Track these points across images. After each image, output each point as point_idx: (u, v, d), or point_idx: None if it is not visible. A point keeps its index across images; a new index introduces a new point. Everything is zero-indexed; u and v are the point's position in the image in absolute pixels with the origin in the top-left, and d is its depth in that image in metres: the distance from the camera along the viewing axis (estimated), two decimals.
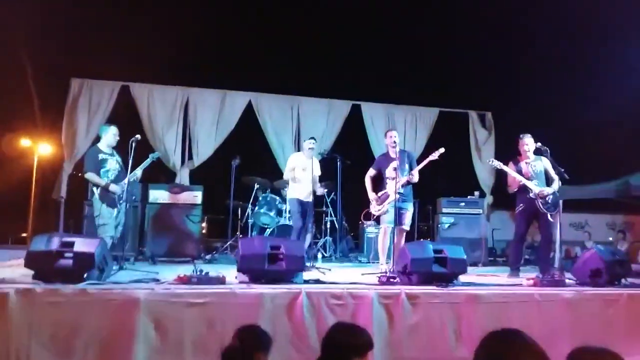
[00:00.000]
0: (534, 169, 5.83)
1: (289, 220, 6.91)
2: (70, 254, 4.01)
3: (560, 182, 5.78)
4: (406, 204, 5.83)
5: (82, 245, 4.12)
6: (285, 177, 6.58)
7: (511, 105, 8.51)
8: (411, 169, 5.91)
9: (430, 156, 5.89)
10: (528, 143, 5.88)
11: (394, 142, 5.94)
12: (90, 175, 5.71)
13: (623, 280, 5.01)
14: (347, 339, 2.27)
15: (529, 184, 5.72)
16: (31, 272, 4.00)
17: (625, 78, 7.96)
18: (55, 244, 4.03)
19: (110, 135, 5.83)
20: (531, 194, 5.71)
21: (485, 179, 9.24)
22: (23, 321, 3.59)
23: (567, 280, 4.98)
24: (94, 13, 8.26)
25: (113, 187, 5.64)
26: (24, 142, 13.84)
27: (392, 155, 5.96)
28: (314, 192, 6.51)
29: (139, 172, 5.80)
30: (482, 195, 8.85)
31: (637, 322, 4.46)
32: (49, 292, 3.73)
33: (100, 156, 5.73)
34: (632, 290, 4.72)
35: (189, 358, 3.77)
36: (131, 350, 3.71)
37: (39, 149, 14.05)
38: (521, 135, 6.00)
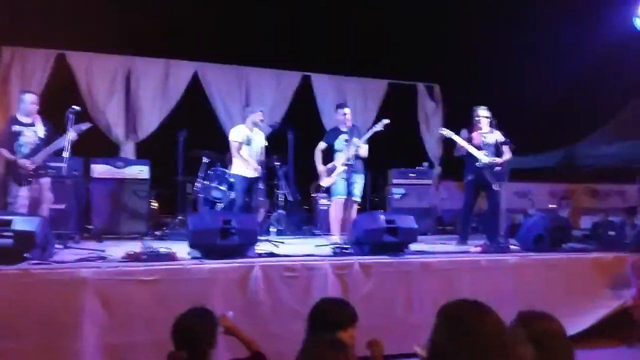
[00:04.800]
0: (485, 140, 5.93)
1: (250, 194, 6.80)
2: (10, 233, 3.81)
3: (510, 154, 5.94)
4: (355, 175, 5.87)
5: (21, 223, 3.93)
6: (241, 155, 6.33)
7: (459, 78, 8.63)
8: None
9: (374, 127, 6.00)
10: (481, 115, 5.99)
11: (346, 118, 6.10)
12: None
13: (564, 245, 5.28)
14: (331, 314, 2.30)
15: (476, 153, 5.82)
16: None
17: (569, 49, 8.25)
18: None
19: (27, 104, 5.33)
20: (478, 164, 5.83)
21: (434, 150, 9.41)
22: None
23: (512, 247, 5.20)
24: None
25: (21, 162, 5.09)
26: None
27: (342, 129, 6.09)
28: (264, 165, 6.43)
29: (61, 143, 5.15)
30: (431, 166, 9.04)
31: (576, 285, 4.73)
32: None
33: (15, 128, 5.21)
34: (572, 254, 4.99)
35: (140, 335, 3.69)
36: (79, 330, 3.60)
37: None
38: (475, 107, 6.11)
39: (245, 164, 6.13)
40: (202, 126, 8.07)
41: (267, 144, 6.53)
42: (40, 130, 5.32)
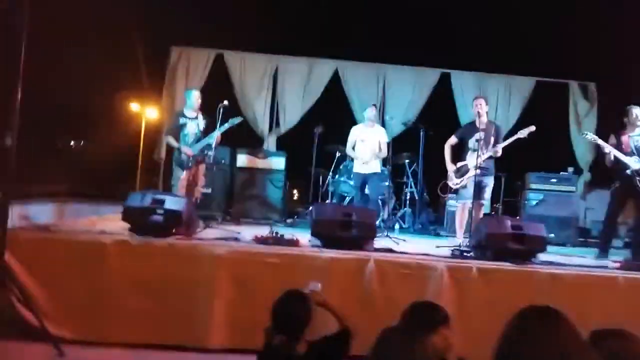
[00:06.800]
0: (637, 144, 5.35)
1: (368, 190, 6.99)
2: (162, 211, 4.42)
3: None
4: (487, 178, 5.58)
5: (171, 203, 4.52)
6: (348, 153, 6.75)
7: (618, 76, 7.75)
8: (496, 142, 5.63)
9: (518, 133, 5.53)
10: (635, 115, 5.40)
11: (479, 111, 5.63)
12: (166, 138, 6.22)
13: None
14: (422, 314, 2.32)
15: (625, 158, 5.26)
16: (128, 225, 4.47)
17: None
18: (148, 200, 4.46)
19: (193, 99, 6.10)
20: (628, 171, 5.27)
21: (584, 154, 8.60)
22: (118, 267, 4.05)
23: None
24: None
25: (184, 149, 5.89)
26: (134, 107, 15.08)
27: (478, 125, 5.59)
28: (385, 161, 6.64)
29: (216, 134, 5.82)
30: (579, 172, 8.30)
31: None
32: (142, 244, 4.17)
33: (181, 120, 6.02)
34: None
35: (261, 314, 4.01)
36: (211, 301, 4.05)
37: (147, 113, 15.26)
38: (628, 106, 5.53)
39: (359, 161, 6.45)
40: (339, 122, 8.38)
41: (388, 140, 6.71)
42: (201, 122, 6.10)
